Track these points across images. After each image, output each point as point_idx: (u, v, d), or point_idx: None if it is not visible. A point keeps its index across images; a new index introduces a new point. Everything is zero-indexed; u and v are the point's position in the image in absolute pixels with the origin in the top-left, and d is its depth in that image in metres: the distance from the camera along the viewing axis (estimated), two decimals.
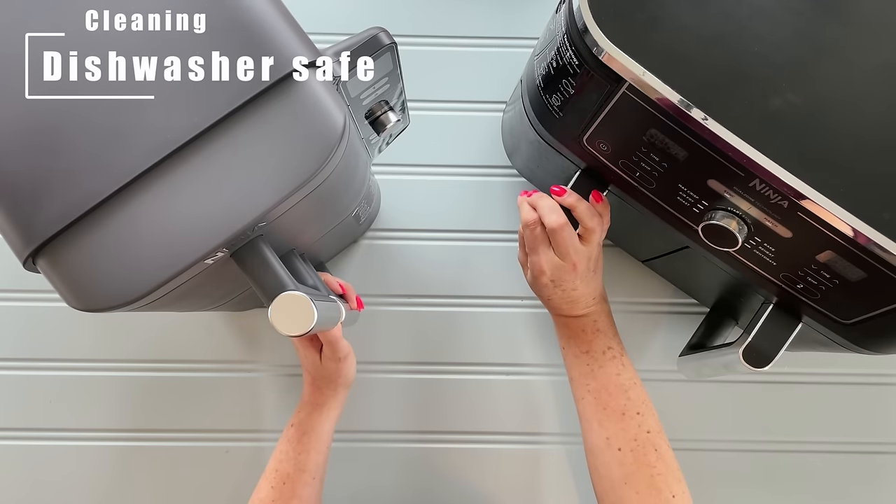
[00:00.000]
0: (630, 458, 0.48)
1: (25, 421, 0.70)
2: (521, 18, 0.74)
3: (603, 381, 0.52)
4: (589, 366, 0.53)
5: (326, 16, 0.73)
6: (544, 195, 0.52)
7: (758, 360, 0.50)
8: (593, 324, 0.54)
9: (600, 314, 0.54)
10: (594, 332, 0.54)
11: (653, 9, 0.41)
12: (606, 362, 0.52)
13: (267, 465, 0.56)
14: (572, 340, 0.54)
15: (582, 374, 0.53)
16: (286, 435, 0.56)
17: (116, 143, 0.36)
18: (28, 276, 0.43)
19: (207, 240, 0.36)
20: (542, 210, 0.51)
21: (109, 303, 0.36)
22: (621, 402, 0.50)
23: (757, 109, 0.40)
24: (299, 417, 0.56)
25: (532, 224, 0.51)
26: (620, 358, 0.53)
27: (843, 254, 0.41)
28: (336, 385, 0.56)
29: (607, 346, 0.53)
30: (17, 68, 0.36)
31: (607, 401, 0.51)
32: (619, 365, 0.52)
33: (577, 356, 0.54)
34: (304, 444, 0.55)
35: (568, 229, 0.50)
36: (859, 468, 0.71)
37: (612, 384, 0.51)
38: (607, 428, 0.50)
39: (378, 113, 0.49)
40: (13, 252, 0.37)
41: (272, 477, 0.54)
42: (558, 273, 0.52)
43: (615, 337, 0.54)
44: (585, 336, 0.54)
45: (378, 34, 0.42)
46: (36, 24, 0.37)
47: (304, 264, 0.51)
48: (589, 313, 0.54)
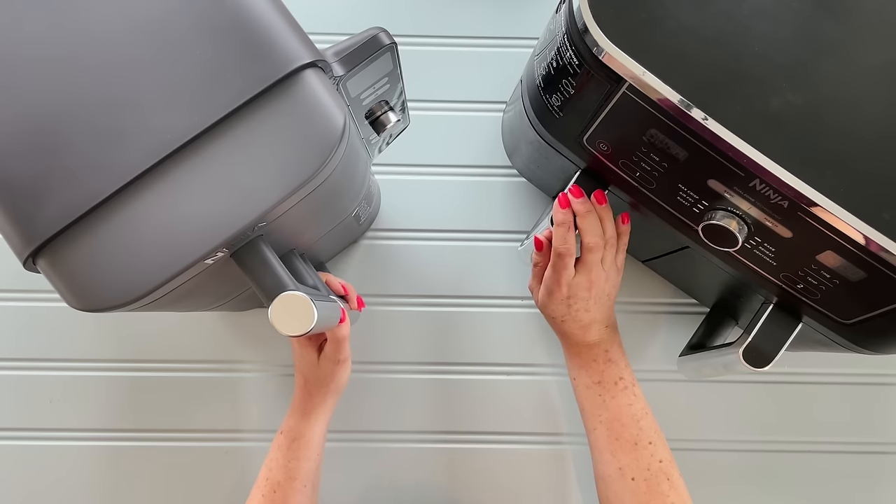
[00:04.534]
0: (643, 487, 0.49)
1: (25, 421, 0.70)
2: (521, 18, 0.74)
3: (615, 411, 0.52)
4: (601, 396, 0.52)
5: (326, 16, 0.73)
6: (591, 211, 0.52)
7: (758, 360, 0.50)
8: (605, 353, 0.54)
9: (612, 343, 0.54)
10: (606, 363, 0.53)
11: (653, 9, 0.41)
12: (618, 393, 0.52)
13: (258, 474, 0.55)
14: (584, 370, 0.54)
15: (594, 405, 0.53)
16: (276, 442, 0.56)
17: (116, 143, 0.36)
18: (28, 276, 0.43)
19: (207, 240, 0.36)
20: (583, 226, 0.51)
21: (109, 303, 0.36)
22: (634, 432, 0.51)
23: (757, 109, 0.40)
24: (289, 424, 0.56)
25: (566, 252, 0.51)
26: (632, 388, 0.53)
27: (843, 254, 0.41)
28: (327, 390, 0.55)
29: (619, 377, 0.53)
30: (17, 68, 0.36)
31: (620, 431, 0.51)
32: (631, 395, 0.52)
33: (589, 387, 0.53)
34: (294, 452, 0.54)
35: (600, 251, 0.52)
36: (859, 468, 0.71)
37: (624, 415, 0.51)
38: (620, 458, 0.50)
39: (378, 113, 0.49)
40: (13, 252, 0.37)
41: (263, 486, 0.54)
42: (575, 289, 0.52)
43: (627, 367, 0.54)
44: (597, 366, 0.53)
45: (378, 34, 0.42)
46: (36, 24, 0.37)
47: (304, 264, 0.51)
48: (600, 341, 0.54)
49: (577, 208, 0.51)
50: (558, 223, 0.52)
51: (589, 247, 0.51)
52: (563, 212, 0.51)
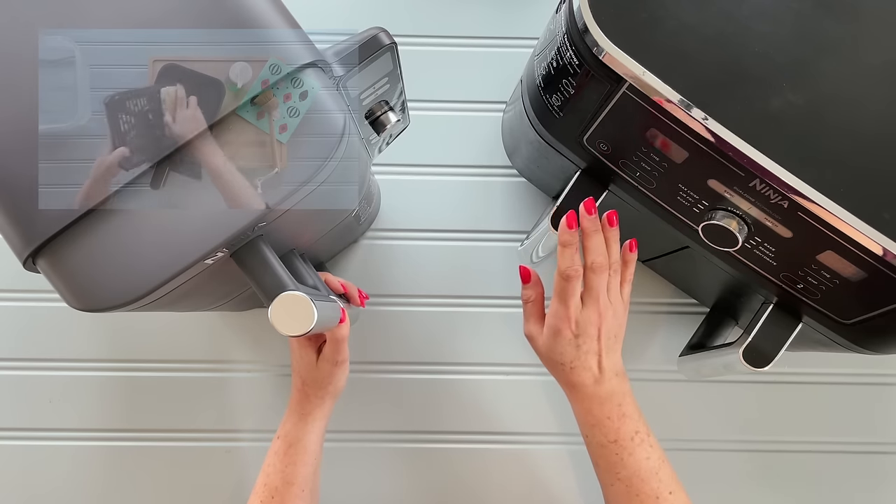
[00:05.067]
0: None
1: (25, 421, 0.70)
2: (521, 18, 0.74)
3: (633, 468, 0.49)
4: (618, 455, 0.50)
5: (326, 16, 0.73)
6: (598, 231, 0.49)
7: (758, 360, 0.50)
8: (618, 408, 0.50)
9: (624, 396, 0.51)
10: (620, 419, 0.50)
11: (653, 8, 0.41)
12: (635, 449, 0.49)
13: (256, 480, 0.55)
14: (597, 429, 0.50)
15: (611, 463, 0.50)
16: (273, 447, 0.55)
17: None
18: (28, 276, 0.43)
19: (207, 240, 0.36)
20: (588, 245, 0.49)
21: (109, 303, 0.36)
22: (654, 486, 0.49)
23: (757, 109, 0.40)
24: (285, 428, 0.55)
25: (574, 274, 0.48)
26: (648, 439, 0.50)
27: (843, 254, 0.41)
28: (325, 393, 0.55)
29: (635, 431, 0.50)
30: (17, 68, 0.36)
31: (640, 487, 0.49)
32: (648, 447, 0.50)
33: (605, 446, 0.50)
34: (291, 457, 0.54)
35: (604, 274, 0.49)
36: (859, 468, 0.71)
37: (643, 469, 0.49)
38: None
39: (378, 113, 0.49)
40: (13, 252, 0.37)
41: (261, 492, 0.54)
42: (584, 325, 0.49)
43: (640, 418, 0.51)
44: (612, 424, 0.50)
45: (378, 34, 0.42)
46: (35, 24, 0.37)
47: (304, 264, 0.51)
48: (612, 394, 0.50)
49: (586, 225, 0.49)
50: (565, 244, 0.49)
51: (593, 267, 0.49)
52: (570, 232, 0.49)
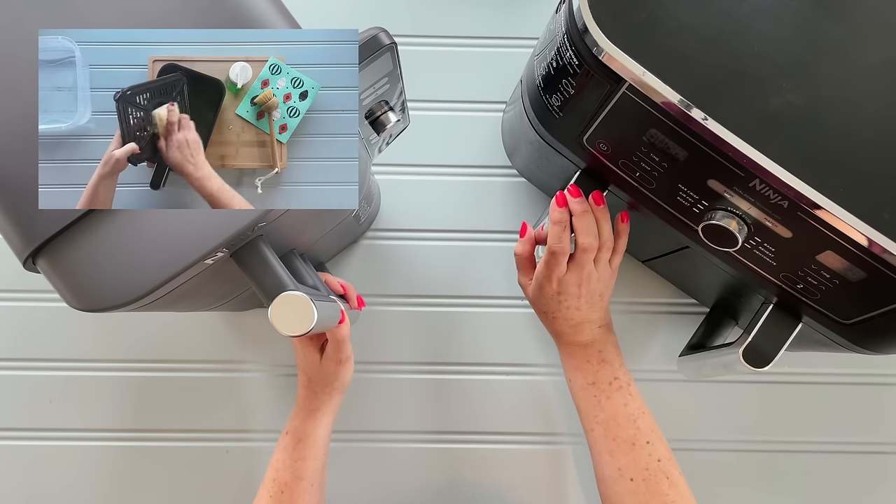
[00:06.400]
0: (643, 487, 0.49)
1: (26, 421, 0.70)
2: (521, 18, 0.74)
3: (611, 412, 0.52)
4: (596, 397, 0.52)
5: (326, 16, 0.73)
6: (588, 212, 0.51)
7: (758, 360, 0.50)
8: (598, 354, 0.54)
9: (605, 343, 0.54)
10: (599, 363, 0.53)
11: (653, 9, 0.41)
12: (613, 393, 0.52)
13: (265, 475, 0.55)
14: (578, 371, 0.54)
15: (590, 405, 0.53)
16: (282, 443, 0.56)
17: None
18: (28, 276, 0.43)
19: (207, 240, 0.36)
20: (578, 226, 0.51)
21: (109, 303, 0.36)
22: (630, 432, 0.50)
23: (757, 109, 0.40)
24: (294, 424, 0.56)
25: (560, 251, 0.51)
26: (627, 388, 0.52)
27: (843, 254, 0.41)
28: (332, 389, 0.55)
29: (613, 377, 0.53)
30: (17, 68, 0.36)
31: (616, 432, 0.51)
32: (627, 395, 0.52)
33: (584, 388, 0.53)
34: (300, 452, 0.54)
35: (593, 252, 0.51)
36: (859, 468, 0.71)
37: (620, 415, 0.51)
38: (618, 458, 0.50)
39: (378, 113, 0.49)
40: (13, 252, 0.37)
41: (270, 486, 0.54)
42: (565, 286, 0.52)
43: (622, 367, 0.54)
44: (591, 367, 0.53)
45: (378, 34, 0.42)
46: (35, 24, 0.37)
47: (304, 264, 0.51)
48: (593, 342, 0.54)
49: (574, 208, 0.51)
50: (554, 221, 0.51)
51: (583, 247, 0.51)
52: (559, 210, 0.51)
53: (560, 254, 0.51)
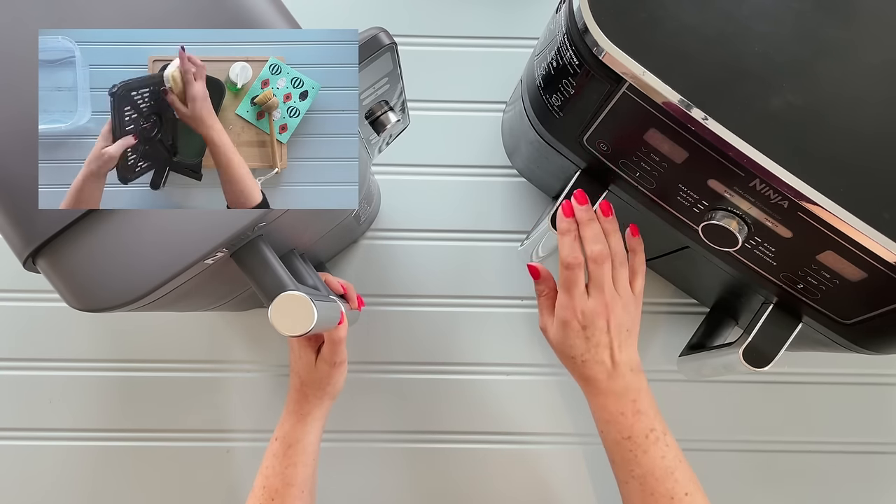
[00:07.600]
0: None
1: (25, 421, 0.70)
2: (521, 18, 0.74)
3: (648, 466, 0.49)
4: (632, 451, 0.49)
5: (326, 16, 0.73)
6: (594, 219, 0.49)
7: (758, 360, 0.50)
8: (632, 404, 0.50)
9: (639, 392, 0.50)
10: (634, 415, 0.49)
11: (653, 8, 0.41)
12: (650, 447, 0.49)
13: (254, 482, 0.55)
14: (611, 425, 0.50)
15: (625, 459, 0.50)
16: (271, 449, 0.55)
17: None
18: (28, 276, 0.43)
19: (207, 240, 0.36)
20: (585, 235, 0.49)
21: (109, 303, 0.36)
22: (669, 485, 0.48)
23: (757, 109, 0.40)
24: (283, 430, 0.55)
25: (574, 262, 0.48)
26: (664, 438, 0.49)
27: (843, 254, 0.41)
28: (323, 393, 0.55)
29: (650, 429, 0.49)
30: (17, 68, 0.36)
31: (654, 486, 0.48)
32: (664, 447, 0.49)
33: (619, 442, 0.50)
34: (290, 458, 0.54)
35: (607, 263, 0.49)
36: (859, 468, 0.71)
37: (657, 468, 0.48)
38: None
39: (378, 113, 0.49)
40: (13, 252, 0.37)
41: (260, 494, 0.53)
42: (591, 317, 0.49)
43: (657, 416, 0.50)
44: (626, 420, 0.49)
45: (378, 34, 0.42)
46: (35, 24, 0.37)
47: (304, 264, 0.51)
48: (627, 389, 0.50)
49: (580, 216, 0.49)
50: (562, 232, 0.49)
51: (594, 257, 0.49)
52: (566, 220, 0.49)
53: (575, 266, 0.49)
